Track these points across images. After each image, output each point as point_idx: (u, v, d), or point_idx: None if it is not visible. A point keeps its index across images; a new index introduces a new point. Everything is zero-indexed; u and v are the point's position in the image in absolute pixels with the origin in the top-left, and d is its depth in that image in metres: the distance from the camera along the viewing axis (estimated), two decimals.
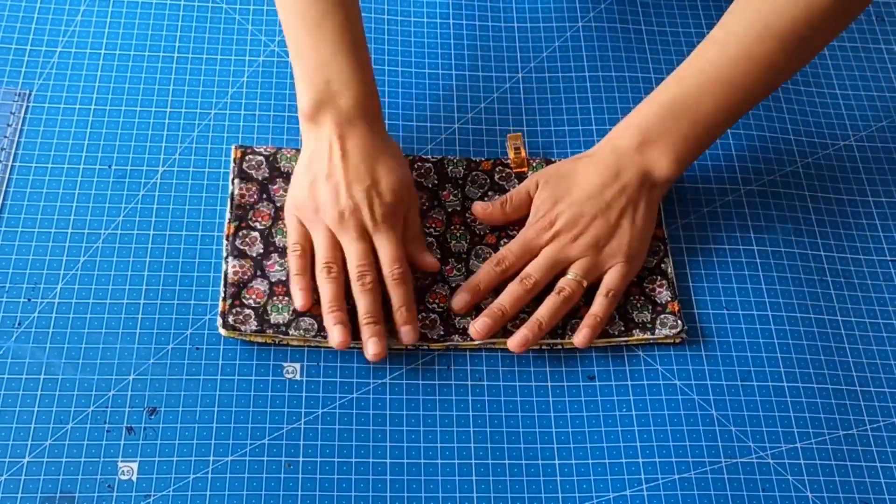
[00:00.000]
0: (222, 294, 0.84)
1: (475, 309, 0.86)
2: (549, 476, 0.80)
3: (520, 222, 0.90)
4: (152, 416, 0.80)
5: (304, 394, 0.82)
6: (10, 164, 0.91)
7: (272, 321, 0.83)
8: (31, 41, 0.99)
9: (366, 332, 0.82)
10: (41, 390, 0.80)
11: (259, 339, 0.84)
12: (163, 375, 0.82)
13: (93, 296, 0.85)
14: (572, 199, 0.88)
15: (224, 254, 0.87)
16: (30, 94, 0.95)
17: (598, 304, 0.86)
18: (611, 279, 0.87)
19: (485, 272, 0.87)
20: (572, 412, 0.83)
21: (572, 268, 0.87)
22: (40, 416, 0.79)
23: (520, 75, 1.02)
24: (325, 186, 0.85)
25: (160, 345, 0.83)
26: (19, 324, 0.83)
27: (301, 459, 0.79)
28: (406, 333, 0.83)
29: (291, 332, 0.83)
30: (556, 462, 0.81)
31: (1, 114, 0.93)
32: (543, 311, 0.85)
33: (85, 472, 0.77)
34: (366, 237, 0.85)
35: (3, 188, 0.89)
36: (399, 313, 0.83)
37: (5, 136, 0.92)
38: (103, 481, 0.77)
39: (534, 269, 0.87)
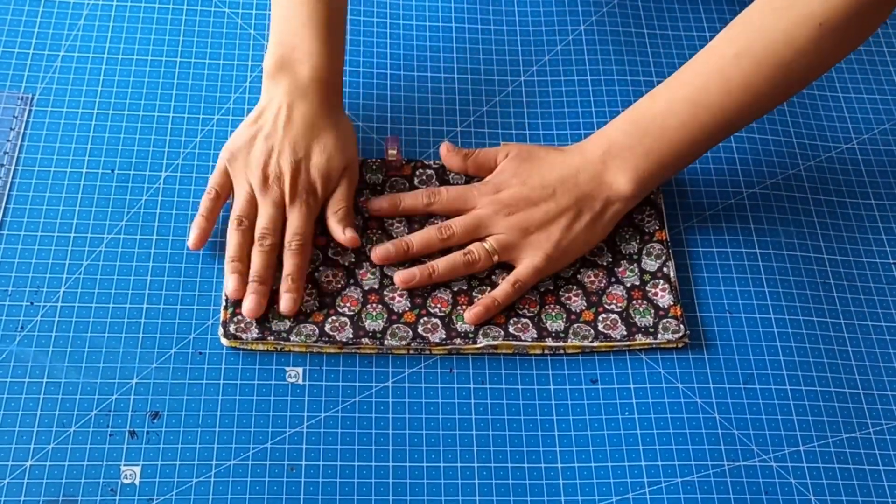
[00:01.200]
0: (224, 303, 0.84)
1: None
2: (552, 479, 0.80)
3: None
4: (155, 420, 0.80)
5: (306, 398, 0.82)
6: (12, 167, 0.91)
7: (273, 328, 0.83)
8: (34, 45, 0.99)
9: (250, 288, 0.83)
10: (44, 394, 0.80)
11: (261, 347, 0.84)
12: (165, 379, 0.82)
13: (95, 300, 0.85)
14: (527, 180, 0.88)
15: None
16: (32, 98, 0.95)
17: (502, 291, 0.86)
18: (522, 270, 0.86)
19: (412, 196, 0.89)
20: (575, 415, 0.83)
21: (490, 238, 0.87)
22: (43, 420, 0.79)
23: (522, 79, 1.02)
24: (262, 145, 0.87)
25: (163, 349, 0.83)
26: (22, 327, 0.83)
27: (304, 463, 0.79)
28: (285, 301, 0.84)
29: (293, 338, 0.83)
30: (559, 465, 0.81)
31: (4, 117, 0.94)
32: (442, 260, 0.86)
33: (87, 476, 0.77)
34: (281, 205, 0.86)
35: (6, 192, 0.90)
36: (286, 282, 0.84)
37: (8, 140, 0.92)
38: (106, 485, 0.77)
39: (455, 223, 0.87)
